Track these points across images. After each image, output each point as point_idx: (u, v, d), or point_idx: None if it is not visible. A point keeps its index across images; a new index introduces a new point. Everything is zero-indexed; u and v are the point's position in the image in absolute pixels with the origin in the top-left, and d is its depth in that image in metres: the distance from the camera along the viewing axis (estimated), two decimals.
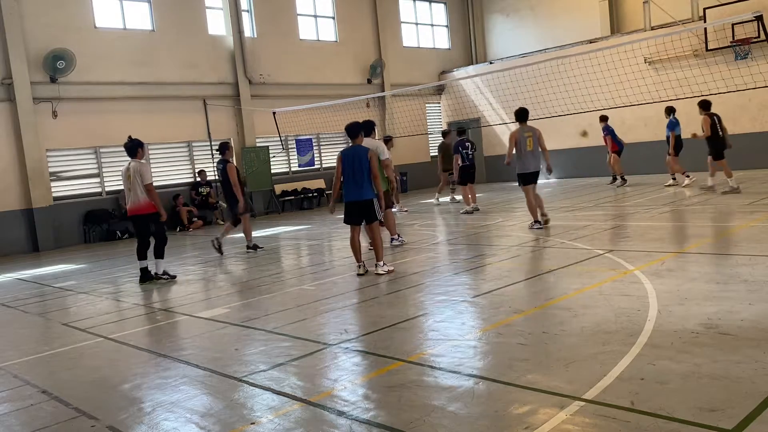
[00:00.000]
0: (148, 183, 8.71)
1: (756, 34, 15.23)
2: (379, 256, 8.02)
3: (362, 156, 7.85)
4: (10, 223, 14.93)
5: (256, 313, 6.56)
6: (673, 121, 14.56)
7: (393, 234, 10.20)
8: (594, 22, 21.58)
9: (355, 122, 8.31)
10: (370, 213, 7.96)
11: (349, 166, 7.91)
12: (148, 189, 8.71)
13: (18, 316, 7.75)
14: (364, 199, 7.90)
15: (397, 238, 10.17)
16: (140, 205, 8.81)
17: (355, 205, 7.96)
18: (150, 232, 9.02)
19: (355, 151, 7.94)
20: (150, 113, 16.89)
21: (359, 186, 7.87)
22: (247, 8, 19.29)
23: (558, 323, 5.06)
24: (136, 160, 8.82)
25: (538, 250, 8.66)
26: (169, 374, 4.80)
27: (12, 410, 4.40)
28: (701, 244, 7.91)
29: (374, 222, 8.06)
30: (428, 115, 24.16)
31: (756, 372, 3.69)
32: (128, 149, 8.89)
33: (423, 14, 24.53)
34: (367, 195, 7.89)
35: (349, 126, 8.20)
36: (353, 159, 7.88)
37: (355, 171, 7.85)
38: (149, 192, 8.74)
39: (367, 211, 7.95)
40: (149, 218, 8.92)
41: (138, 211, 8.87)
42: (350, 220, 8.06)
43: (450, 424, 3.43)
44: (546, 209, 10.89)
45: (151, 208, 8.82)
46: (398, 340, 5.12)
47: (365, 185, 7.86)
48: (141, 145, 8.93)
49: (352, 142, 8.21)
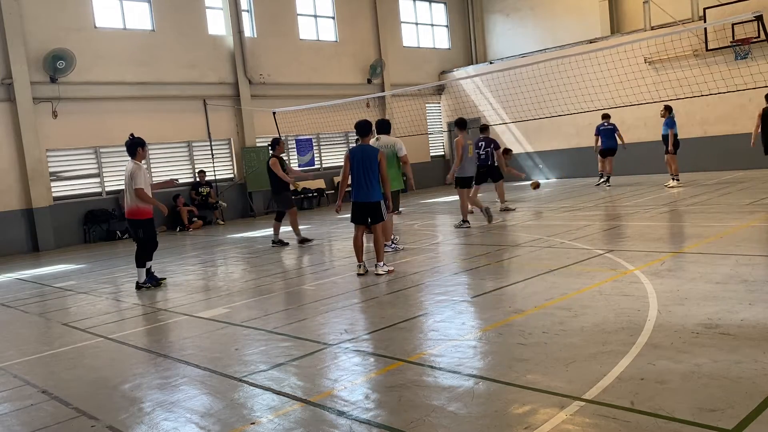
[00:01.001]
0: (138, 187, 8.22)
1: (756, 34, 15.24)
2: (380, 256, 8.01)
3: (372, 157, 7.76)
4: (10, 223, 14.93)
5: (256, 313, 6.56)
6: (671, 120, 14.61)
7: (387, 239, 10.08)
8: (594, 22, 21.58)
9: (365, 120, 8.19)
10: (377, 214, 7.92)
11: (358, 166, 7.80)
12: (138, 194, 8.22)
13: (18, 316, 7.75)
14: (372, 201, 7.85)
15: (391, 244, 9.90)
16: (130, 209, 8.41)
17: (363, 206, 7.92)
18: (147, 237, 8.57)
19: (365, 151, 7.84)
20: (150, 113, 16.89)
21: (368, 187, 7.79)
22: (247, 8, 19.29)
23: (558, 323, 5.06)
24: (134, 161, 8.41)
25: (538, 250, 8.66)
26: (169, 374, 4.80)
27: (12, 410, 4.40)
28: (701, 244, 7.90)
29: (379, 223, 8.02)
30: (428, 115, 24.17)
31: (756, 372, 3.69)
32: (128, 147, 8.52)
33: (423, 14, 24.53)
34: (376, 197, 7.85)
35: (360, 124, 8.09)
36: (363, 159, 7.77)
37: (365, 172, 7.75)
38: (139, 197, 8.26)
39: (374, 212, 7.92)
40: (138, 224, 8.45)
41: (129, 215, 8.48)
42: (356, 219, 8.04)
43: (450, 424, 3.43)
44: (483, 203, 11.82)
45: (140, 214, 8.38)
46: (398, 340, 5.12)
47: (374, 187, 7.80)
48: (142, 144, 8.52)
49: (362, 140, 8.12)
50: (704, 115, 17.78)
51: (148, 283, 8.59)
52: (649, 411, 3.31)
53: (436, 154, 24.95)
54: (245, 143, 18.93)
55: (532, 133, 21.21)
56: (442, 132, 24.93)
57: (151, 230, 8.60)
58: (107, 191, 16.47)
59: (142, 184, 8.28)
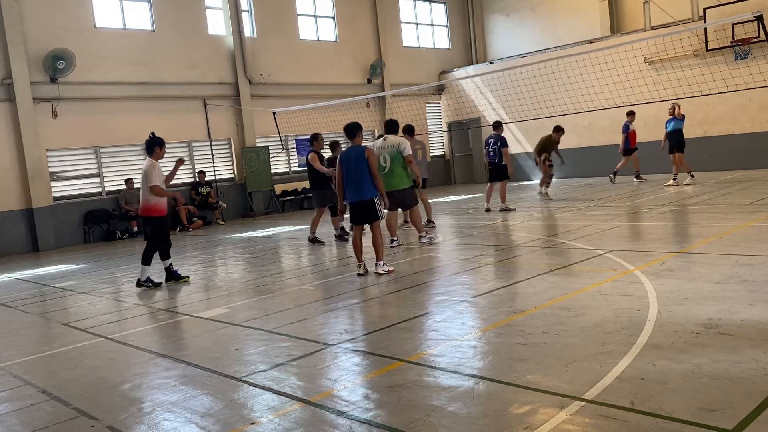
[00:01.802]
0: (152, 185, 8.41)
1: (756, 34, 15.23)
2: (380, 255, 8.01)
3: (360, 155, 7.85)
4: (10, 223, 14.93)
5: (256, 313, 6.56)
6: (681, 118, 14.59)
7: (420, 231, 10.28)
8: (594, 22, 21.58)
9: (353, 122, 8.25)
10: (372, 212, 7.96)
11: (347, 168, 7.91)
12: (153, 191, 8.41)
13: (18, 316, 7.74)
14: (365, 199, 7.91)
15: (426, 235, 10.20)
16: (142, 206, 8.62)
17: (357, 206, 8.00)
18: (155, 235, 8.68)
19: (353, 152, 7.94)
20: (150, 113, 16.88)
21: (359, 186, 7.86)
22: (247, 8, 19.29)
23: (558, 323, 5.05)
24: (150, 159, 8.59)
25: (538, 250, 8.66)
26: (169, 374, 4.80)
27: (12, 410, 4.39)
28: (701, 244, 7.90)
29: (376, 221, 8.06)
30: (428, 115, 24.17)
31: (756, 372, 3.69)
32: (146, 145, 8.73)
33: (423, 14, 24.53)
34: (368, 195, 7.90)
35: (348, 126, 8.16)
36: (352, 160, 7.88)
37: (355, 171, 7.85)
38: (155, 194, 8.43)
39: (368, 210, 7.96)
40: (147, 221, 8.67)
41: (141, 211, 8.71)
42: (355, 219, 8.12)
43: (450, 424, 3.43)
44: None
45: (151, 211, 8.55)
46: (398, 340, 5.12)
47: (366, 185, 7.85)
48: (160, 144, 8.66)
49: (351, 141, 8.19)
50: (704, 115, 17.78)
51: (149, 282, 8.62)
52: (649, 411, 3.31)
53: (436, 154, 24.95)
54: (245, 143, 18.93)
55: (532, 133, 21.17)
56: (442, 132, 24.94)
57: (161, 228, 8.69)
58: (107, 191, 16.47)
59: (157, 181, 8.45)
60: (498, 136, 13.36)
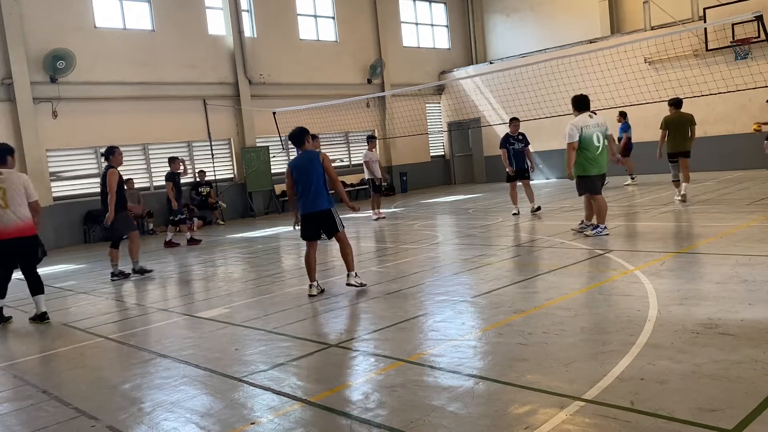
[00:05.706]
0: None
1: (756, 34, 15.23)
2: (351, 266, 7.16)
3: (313, 160, 7.02)
4: None
5: (256, 313, 6.56)
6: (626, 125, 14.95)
7: (602, 222, 9.12)
8: (594, 22, 21.58)
9: (299, 128, 7.25)
10: (329, 224, 7.08)
11: (300, 175, 7.03)
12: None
13: (18, 316, 7.74)
14: (320, 209, 7.02)
15: (599, 227, 9.11)
16: (28, 224, 7.43)
17: (311, 217, 7.07)
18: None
19: (304, 158, 7.12)
20: (150, 113, 16.88)
21: (314, 195, 6.99)
22: (247, 8, 19.29)
23: (558, 323, 5.05)
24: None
25: (538, 250, 8.66)
26: (169, 374, 4.80)
27: (12, 410, 4.40)
28: (701, 244, 7.90)
29: (337, 233, 7.13)
30: (428, 115, 24.17)
31: (756, 372, 3.69)
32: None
33: (423, 14, 24.53)
34: (323, 205, 7.01)
35: (293, 134, 7.21)
36: (303, 166, 7.04)
37: (308, 179, 6.98)
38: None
39: (326, 222, 7.07)
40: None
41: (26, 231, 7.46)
42: (306, 235, 7.18)
43: (450, 424, 3.43)
44: None
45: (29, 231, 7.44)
46: (398, 340, 5.12)
47: (320, 194, 6.99)
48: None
49: (299, 149, 7.31)
50: (704, 115, 17.74)
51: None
52: (649, 411, 3.31)
53: (436, 154, 24.96)
54: (245, 143, 18.92)
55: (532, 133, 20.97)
56: (442, 132, 24.94)
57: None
58: None
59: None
60: (522, 134, 12.69)
